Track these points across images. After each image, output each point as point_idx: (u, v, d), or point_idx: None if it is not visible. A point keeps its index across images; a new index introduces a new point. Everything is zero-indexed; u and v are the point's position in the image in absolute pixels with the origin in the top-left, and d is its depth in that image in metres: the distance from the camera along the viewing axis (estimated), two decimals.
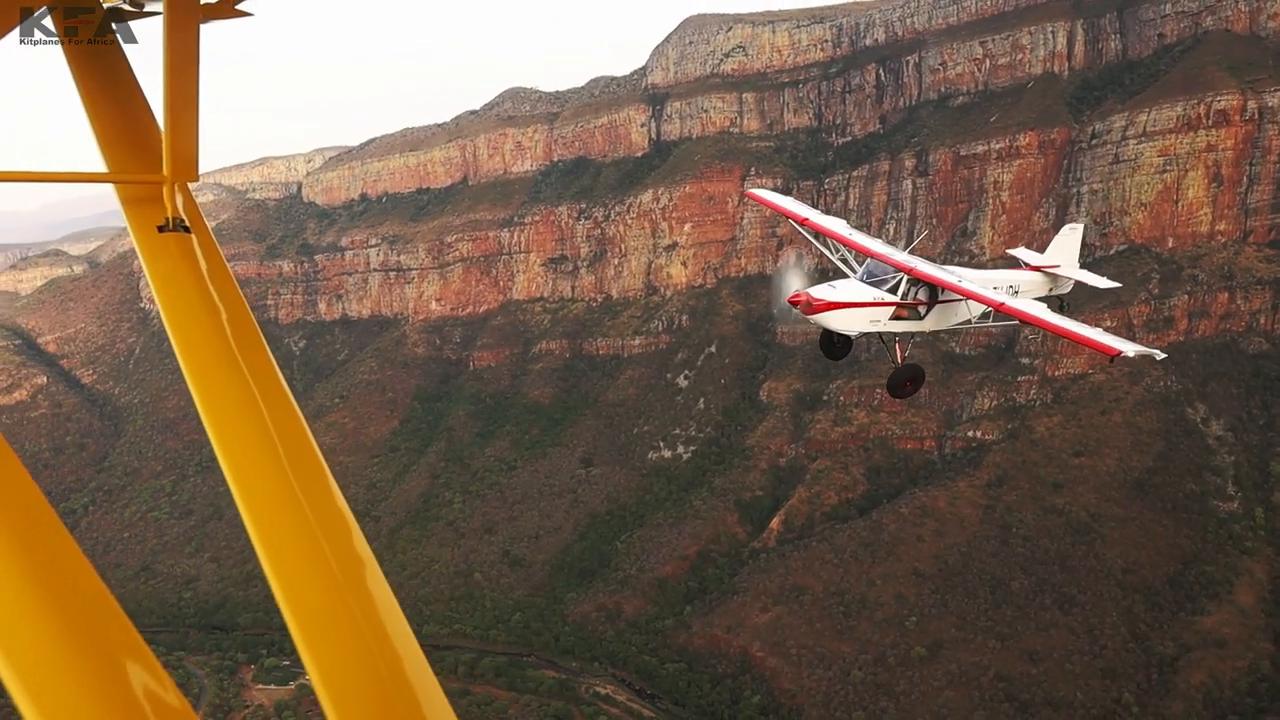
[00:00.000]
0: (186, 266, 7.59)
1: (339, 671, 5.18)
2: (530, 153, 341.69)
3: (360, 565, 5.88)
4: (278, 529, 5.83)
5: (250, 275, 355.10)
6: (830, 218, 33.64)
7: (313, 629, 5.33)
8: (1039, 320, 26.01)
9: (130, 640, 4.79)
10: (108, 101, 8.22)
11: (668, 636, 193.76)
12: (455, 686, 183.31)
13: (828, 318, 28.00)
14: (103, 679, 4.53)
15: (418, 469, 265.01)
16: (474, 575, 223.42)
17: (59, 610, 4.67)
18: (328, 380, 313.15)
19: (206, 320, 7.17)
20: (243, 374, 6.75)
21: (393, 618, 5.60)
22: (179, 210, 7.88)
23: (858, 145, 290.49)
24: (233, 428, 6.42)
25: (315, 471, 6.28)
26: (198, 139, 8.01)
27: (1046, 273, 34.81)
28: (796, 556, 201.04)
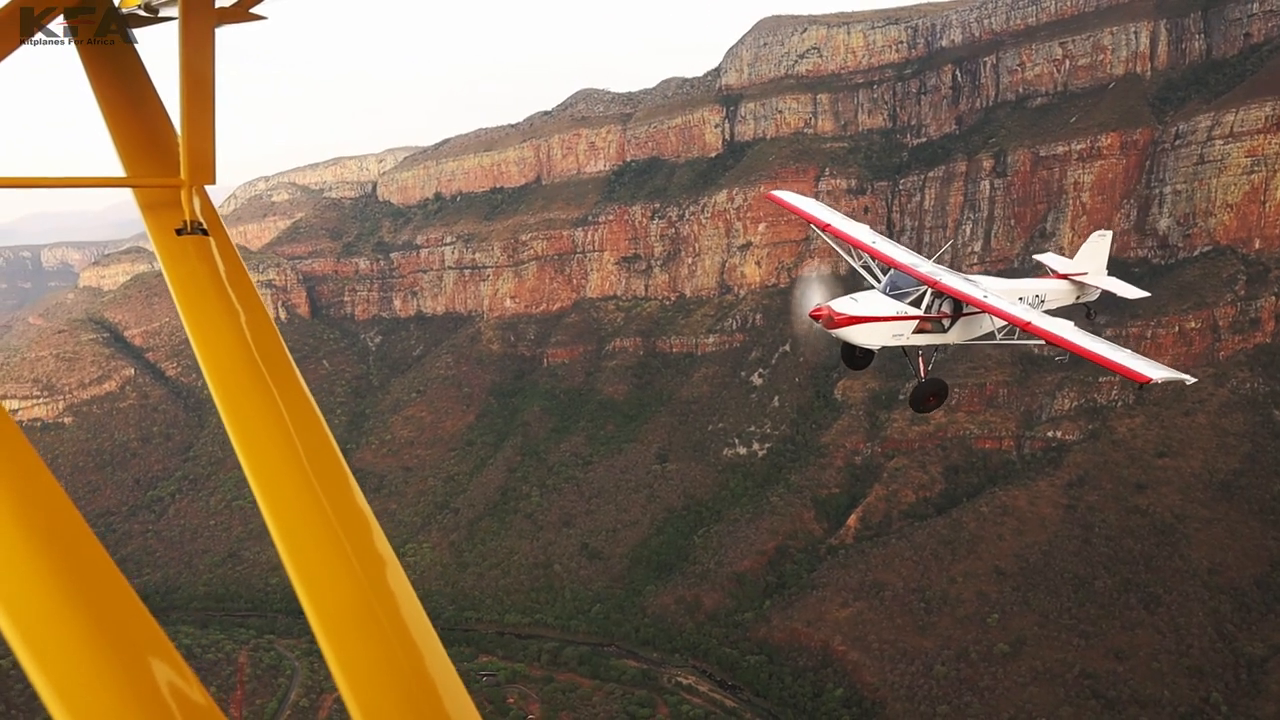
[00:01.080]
0: (205, 269, 7.68)
1: (362, 670, 5.25)
2: (604, 153, 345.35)
3: (381, 564, 5.92)
4: (300, 528, 5.93)
5: (327, 272, 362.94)
6: (853, 223, 33.45)
7: (335, 628, 5.41)
8: (1066, 342, 25.58)
9: (155, 638, 4.87)
10: (124, 106, 8.32)
11: (747, 629, 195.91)
12: (539, 674, 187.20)
13: (850, 332, 27.69)
14: (129, 677, 4.61)
15: (494, 463, 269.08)
16: (553, 567, 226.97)
17: (85, 609, 4.76)
18: (404, 375, 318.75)
19: (225, 322, 7.28)
20: (262, 375, 6.86)
21: (415, 616, 5.67)
22: (196, 213, 7.97)
23: (933, 146, 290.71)
24: (253, 428, 6.55)
25: (336, 471, 6.37)
26: (214, 142, 8.11)
27: (1074, 281, 34.51)
28: (876, 553, 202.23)
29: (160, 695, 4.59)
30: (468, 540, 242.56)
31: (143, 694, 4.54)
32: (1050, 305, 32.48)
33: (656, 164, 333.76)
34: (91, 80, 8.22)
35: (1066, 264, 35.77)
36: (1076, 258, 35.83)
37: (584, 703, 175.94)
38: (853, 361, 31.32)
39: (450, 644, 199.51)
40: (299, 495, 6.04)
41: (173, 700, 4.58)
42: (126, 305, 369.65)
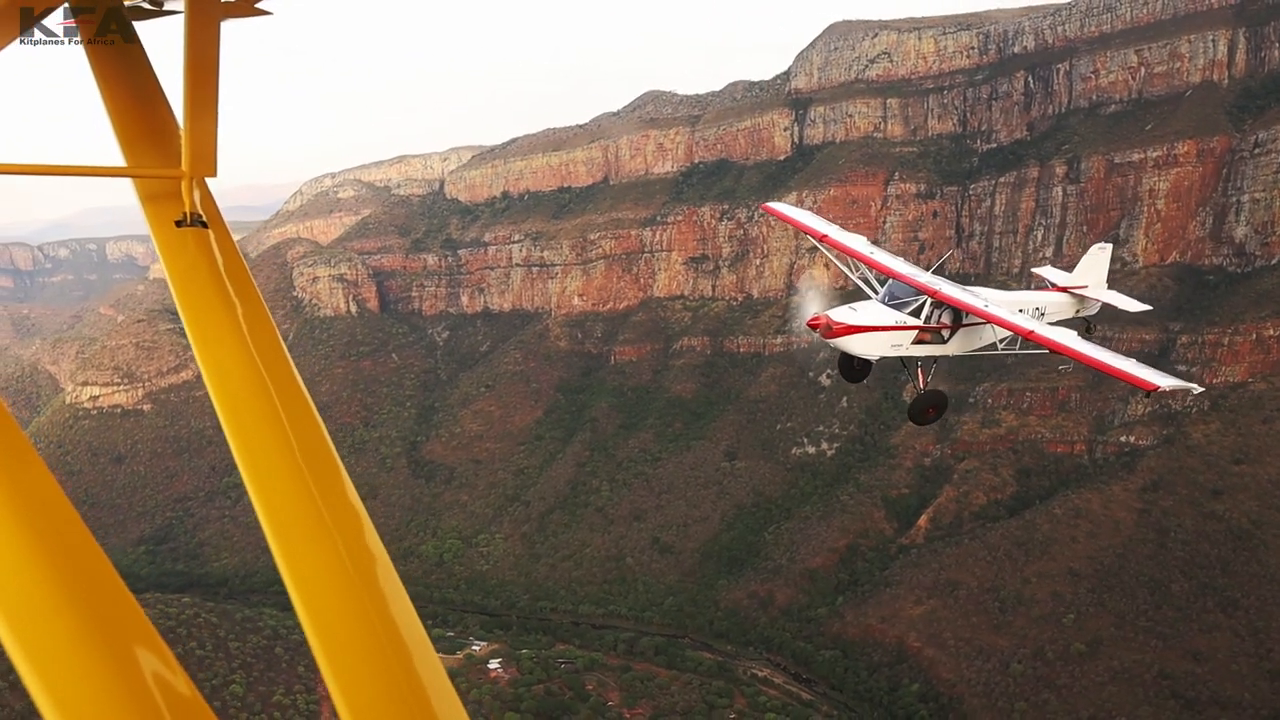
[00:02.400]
0: (204, 262, 7.69)
1: (351, 667, 5.31)
2: (672, 154, 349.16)
3: (372, 560, 5.94)
4: (292, 523, 5.95)
5: (395, 268, 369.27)
6: (851, 235, 33.09)
7: (325, 623, 5.46)
8: (1070, 350, 25.32)
9: (143, 630, 4.90)
10: (127, 98, 8.32)
11: (821, 624, 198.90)
12: (616, 663, 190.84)
13: (848, 342, 27.49)
14: (115, 667, 4.66)
15: (564, 457, 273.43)
16: (625, 560, 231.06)
17: (74, 600, 4.80)
18: (472, 370, 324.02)
19: (223, 315, 7.29)
20: (258, 368, 6.89)
21: (404, 613, 5.70)
22: (197, 206, 7.94)
23: (1003, 152, 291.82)
24: (248, 422, 6.59)
25: (329, 466, 6.40)
26: (216, 135, 8.07)
27: (1074, 294, 34.23)
28: (949, 552, 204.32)
29: (146, 685, 4.68)
30: (539, 532, 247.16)
31: (129, 684, 4.63)
32: (1050, 318, 32.06)
33: (725, 166, 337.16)
34: (95, 71, 8.29)
35: (1066, 277, 35.42)
36: (1076, 271, 35.44)
37: (662, 692, 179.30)
38: (850, 373, 30.89)
39: (526, 632, 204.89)
40: (292, 491, 6.11)
41: (158, 691, 4.67)
42: None
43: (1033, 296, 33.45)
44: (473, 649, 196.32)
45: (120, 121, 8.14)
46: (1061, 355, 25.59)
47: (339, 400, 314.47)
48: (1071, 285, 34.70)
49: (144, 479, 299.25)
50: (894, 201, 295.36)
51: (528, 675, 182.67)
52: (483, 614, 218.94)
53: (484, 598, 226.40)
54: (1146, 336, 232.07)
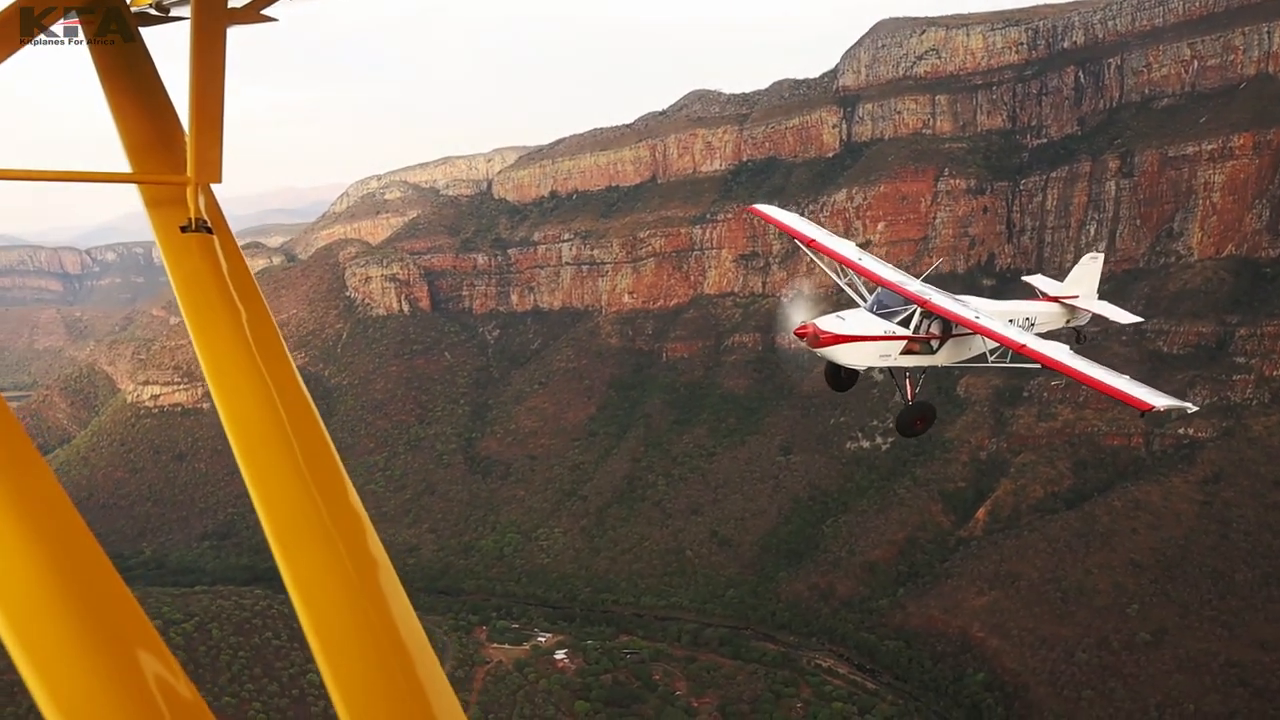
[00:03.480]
0: (208, 267, 7.74)
1: (352, 669, 5.33)
2: (720, 152, 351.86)
3: (374, 565, 5.98)
4: (294, 527, 5.98)
5: (445, 267, 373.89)
6: (839, 240, 32.78)
7: (326, 626, 5.50)
8: (1062, 366, 24.80)
9: (144, 632, 4.91)
10: (133, 103, 8.38)
11: (883, 616, 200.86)
12: (681, 654, 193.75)
13: (835, 351, 26.94)
14: (116, 669, 4.68)
15: (618, 453, 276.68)
16: (684, 553, 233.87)
17: (75, 602, 4.82)
18: (524, 367, 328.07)
19: (227, 320, 7.33)
20: (261, 373, 6.90)
21: (405, 617, 5.72)
22: (201, 211, 7.98)
23: (1054, 147, 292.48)
24: (251, 426, 6.60)
25: (331, 470, 6.42)
26: (222, 141, 8.15)
27: (1064, 304, 33.67)
28: (1008, 544, 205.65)
29: (147, 687, 4.70)
30: (597, 526, 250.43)
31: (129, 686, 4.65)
32: (1040, 328, 31.31)
33: (773, 163, 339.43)
34: (101, 77, 8.34)
35: (1057, 286, 34.95)
36: (1067, 280, 34.83)
37: (728, 681, 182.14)
38: (837, 383, 30.42)
39: (589, 623, 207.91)
40: (294, 495, 6.13)
41: (159, 693, 4.68)
42: None
43: (1023, 306, 32.74)
44: (538, 640, 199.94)
45: (126, 127, 8.28)
46: (1053, 371, 25.16)
47: (394, 398, 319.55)
48: (1062, 295, 34.07)
49: (205, 476, 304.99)
50: (944, 197, 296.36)
51: (594, 665, 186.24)
52: (545, 606, 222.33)
53: (546, 590, 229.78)
54: (1203, 330, 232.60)
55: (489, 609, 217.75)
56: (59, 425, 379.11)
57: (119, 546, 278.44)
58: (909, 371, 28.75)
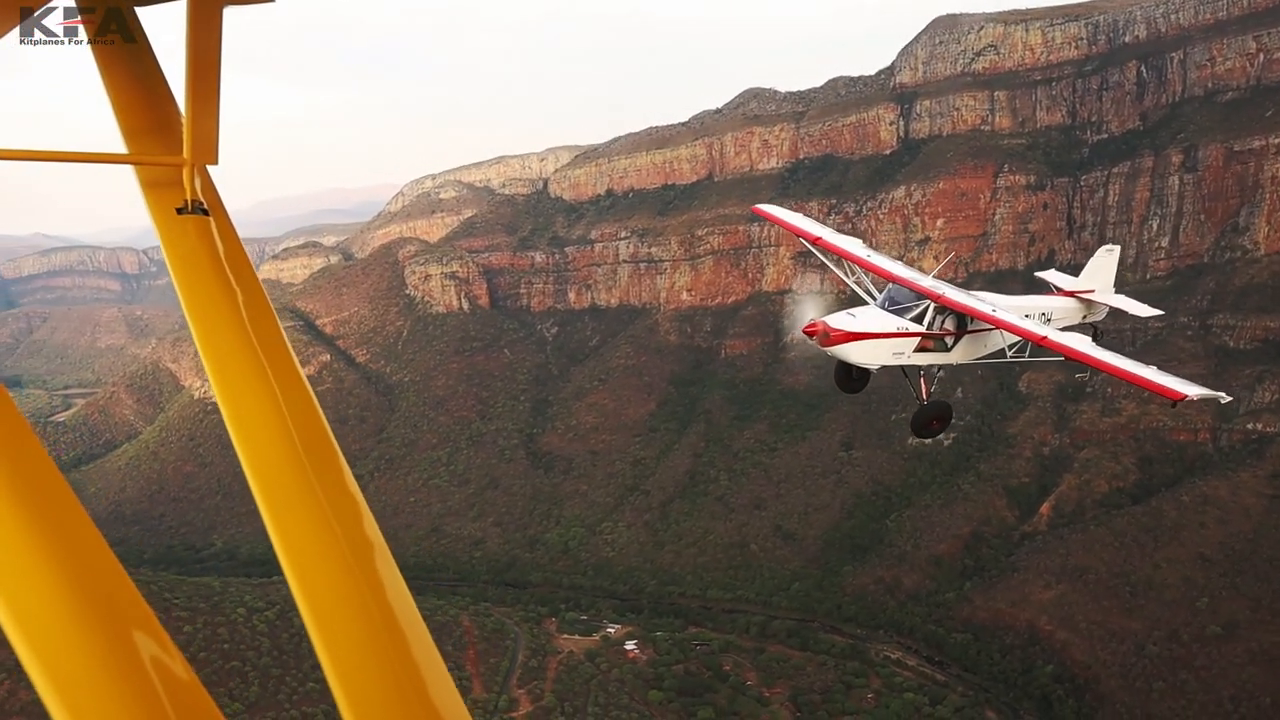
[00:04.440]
0: (204, 249, 7.77)
1: (348, 654, 5.36)
2: (776, 150, 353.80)
3: (370, 548, 5.98)
4: (291, 510, 5.99)
5: (503, 265, 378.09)
6: (845, 237, 31.94)
7: (324, 610, 5.51)
8: (1086, 357, 24.34)
9: (140, 613, 4.94)
10: (129, 84, 8.36)
11: (950, 609, 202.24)
12: (750, 645, 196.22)
13: (847, 349, 26.30)
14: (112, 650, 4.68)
15: (680, 448, 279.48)
16: (749, 547, 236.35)
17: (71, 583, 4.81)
18: (583, 364, 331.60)
19: (223, 302, 7.35)
20: (258, 356, 6.93)
21: (402, 601, 5.75)
22: (198, 193, 8.01)
23: (1115, 142, 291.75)
24: (247, 408, 6.63)
25: (328, 454, 6.44)
26: (218, 123, 8.15)
27: (1081, 298, 32.96)
28: (1075, 538, 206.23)
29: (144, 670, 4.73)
30: (661, 520, 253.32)
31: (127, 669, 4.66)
32: (1057, 324, 30.69)
33: (830, 161, 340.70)
34: (96, 58, 8.33)
35: (1072, 281, 34.21)
36: (1083, 274, 34.01)
37: (798, 672, 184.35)
38: (848, 384, 30.12)
39: (657, 615, 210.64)
40: (291, 478, 6.16)
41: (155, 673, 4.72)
42: (316, 296, 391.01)
43: (1038, 301, 32.18)
44: (608, 631, 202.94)
45: (122, 109, 8.30)
46: (1077, 363, 24.63)
47: (455, 394, 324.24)
48: (1078, 290, 33.36)
49: None
50: (1003, 194, 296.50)
51: (665, 656, 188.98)
52: (613, 598, 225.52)
53: (612, 583, 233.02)
54: (1270, 324, 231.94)
55: (557, 601, 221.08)
56: (126, 421, 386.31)
57: (190, 538, 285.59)
58: (923, 370, 28.35)
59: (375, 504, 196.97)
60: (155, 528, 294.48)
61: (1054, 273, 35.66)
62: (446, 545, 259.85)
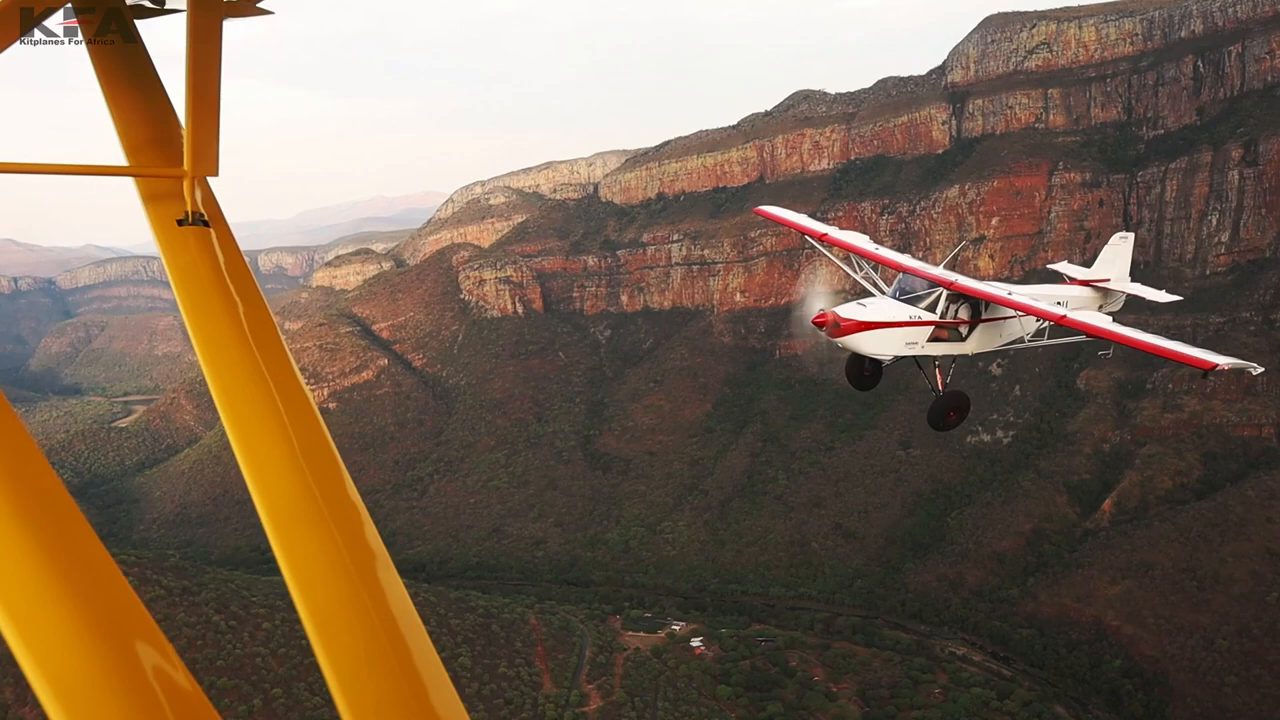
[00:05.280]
0: (205, 260, 7.74)
1: (350, 661, 5.34)
2: (827, 151, 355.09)
3: (372, 557, 5.99)
4: (293, 520, 5.98)
5: (556, 269, 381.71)
6: (850, 232, 31.49)
7: (326, 620, 5.48)
8: (1110, 333, 23.53)
9: (144, 624, 4.90)
10: (129, 97, 8.38)
11: (1014, 605, 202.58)
12: (815, 641, 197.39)
13: (858, 340, 25.68)
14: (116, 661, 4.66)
15: (737, 448, 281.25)
16: (810, 545, 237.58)
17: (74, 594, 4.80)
18: (637, 366, 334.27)
19: (224, 313, 7.30)
20: (259, 366, 6.91)
21: (403, 609, 5.77)
22: (198, 205, 8.00)
23: (1172, 138, 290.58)
24: (249, 420, 6.63)
25: (329, 463, 6.49)
26: (218, 135, 8.13)
27: (1096, 287, 32.28)
28: (1139, 535, 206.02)
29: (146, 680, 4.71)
30: (720, 519, 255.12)
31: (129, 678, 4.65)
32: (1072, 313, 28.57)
33: (882, 161, 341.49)
34: (98, 71, 8.36)
35: (1085, 271, 33.57)
36: (1097, 263, 33.25)
37: (864, 668, 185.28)
38: (860, 379, 29.55)
39: (720, 613, 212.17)
40: (292, 487, 6.17)
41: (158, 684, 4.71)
42: (372, 302, 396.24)
43: (1053, 290, 31.38)
44: (673, 628, 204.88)
45: (122, 121, 8.27)
46: (1102, 340, 23.81)
47: (512, 397, 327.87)
48: (1092, 279, 32.61)
49: None
50: (1058, 191, 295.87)
51: (731, 652, 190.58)
52: (675, 596, 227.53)
53: (674, 581, 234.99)
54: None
55: (620, 599, 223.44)
56: (186, 426, 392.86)
57: (256, 540, 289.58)
58: (938, 360, 27.45)
59: (436, 505, 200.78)
60: (221, 530, 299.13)
61: (1066, 264, 35.29)
62: (508, 545, 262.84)
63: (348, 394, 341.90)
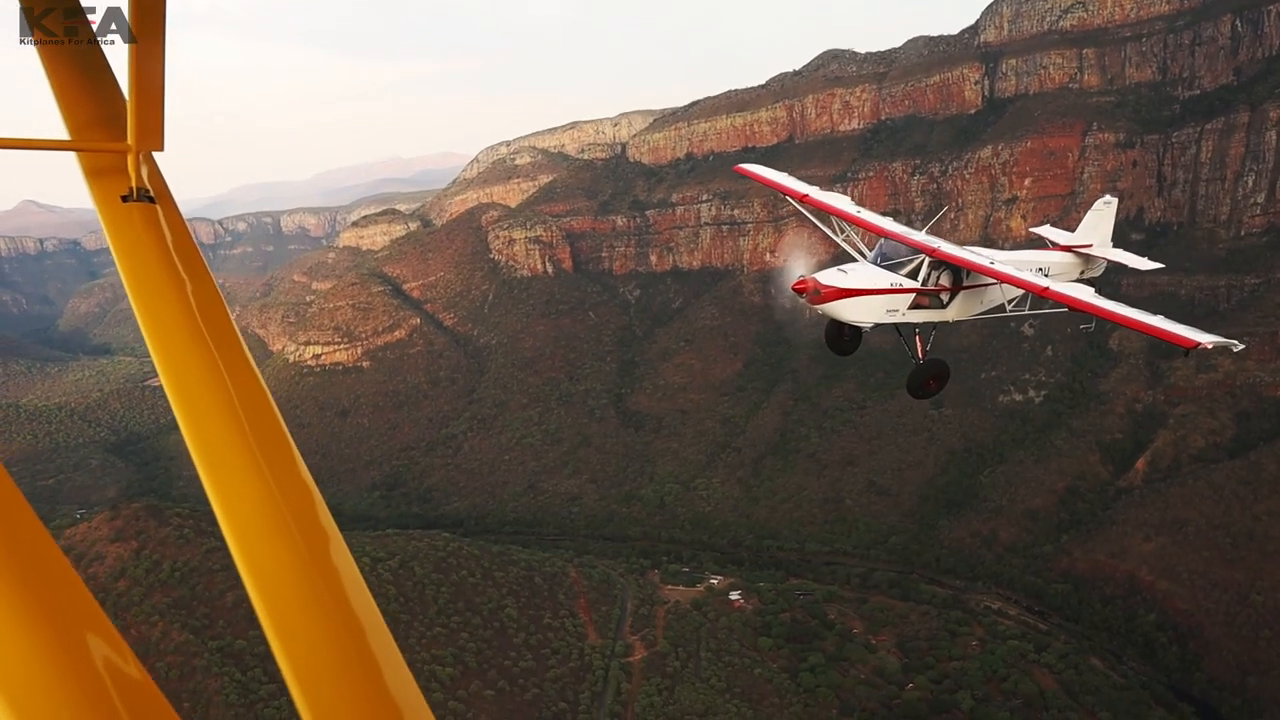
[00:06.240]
0: (150, 237, 7.56)
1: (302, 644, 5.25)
2: (858, 111, 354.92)
3: (324, 538, 5.80)
4: (242, 502, 5.80)
5: (585, 229, 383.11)
6: (832, 194, 31.26)
7: (277, 601, 5.36)
8: (1091, 306, 23.53)
9: (91, 613, 4.77)
10: (70, 68, 8.07)
11: (1049, 561, 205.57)
12: (852, 595, 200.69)
13: (839, 307, 25.43)
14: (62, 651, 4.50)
15: (769, 407, 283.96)
16: (844, 502, 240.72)
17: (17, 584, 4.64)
18: (667, 326, 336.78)
19: (171, 292, 7.16)
20: (207, 345, 6.75)
21: (357, 591, 5.60)
22: (144, 180, 7.81)
23: (1208, 98, 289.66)
24: (197, 400, 6.45)
25: (279, 443, 6.27)
26: (163, 108, 7.82)
27: (1078, 253, 32.12)
28: (1173, 492, 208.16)
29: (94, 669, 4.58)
30: (754, 477, 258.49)
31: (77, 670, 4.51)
32: (1055, 279, 28.85)
33: (914, 121, 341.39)
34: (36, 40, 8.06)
35: (1068, 236, 33.33)
36: (1080, 229, 33.04)
37: (902, 621, 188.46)
38: (839, 344, 29.38)
39: (757, 567, 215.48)
40: (242, 468, 6.00)
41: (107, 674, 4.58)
42: (402, 261, 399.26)
43: (1035, 256, 31.17)
44: (711, 582, 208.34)
45: (63, 94, 8.05)
46: (1083, 313, 23.82)
47: (543, 356, 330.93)
48: (1075, 244, 32.44)
49: (368, 431, 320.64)
50: (1092, 152, 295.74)
51: (770, 605, 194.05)
52: (711, 551, 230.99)
53: (710, 537, 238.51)
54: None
55: (658, 553, 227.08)
56: None
57: None
58: (918, 328, 27.23)
59: (470, 462, 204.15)
60: None
61: (1048, 228, 34.92)
62: (544, 501, 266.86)
63: (381, 352, 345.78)
